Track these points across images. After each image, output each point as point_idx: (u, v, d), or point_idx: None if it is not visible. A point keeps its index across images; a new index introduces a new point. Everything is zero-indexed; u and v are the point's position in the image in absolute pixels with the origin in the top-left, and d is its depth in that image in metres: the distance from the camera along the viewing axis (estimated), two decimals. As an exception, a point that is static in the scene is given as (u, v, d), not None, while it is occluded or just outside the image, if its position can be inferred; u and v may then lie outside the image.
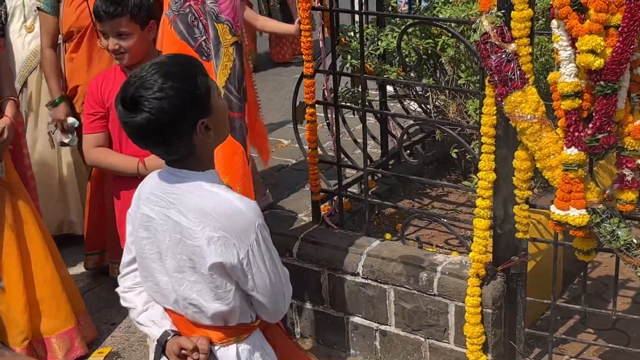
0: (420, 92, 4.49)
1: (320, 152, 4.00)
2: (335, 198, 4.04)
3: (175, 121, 2.07)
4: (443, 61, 4.02)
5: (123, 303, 2.41)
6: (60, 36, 4.34)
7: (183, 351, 2.17)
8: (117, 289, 2.44)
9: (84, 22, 4.13)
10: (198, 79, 2.14)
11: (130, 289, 2.39)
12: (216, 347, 2.23)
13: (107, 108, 3.39)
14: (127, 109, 2.08)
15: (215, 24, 3.03)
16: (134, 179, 3.20)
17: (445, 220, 3.95)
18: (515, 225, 3.30)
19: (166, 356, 2.23)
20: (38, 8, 4.37)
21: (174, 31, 3.08)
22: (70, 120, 4.17)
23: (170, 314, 2.29)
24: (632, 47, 2.75)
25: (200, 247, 2.10)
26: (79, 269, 4.73)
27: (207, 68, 2.84)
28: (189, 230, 2.12)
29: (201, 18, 3.06)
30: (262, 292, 2.17)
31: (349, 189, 4.11)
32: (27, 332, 3.74)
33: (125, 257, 2.40)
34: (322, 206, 4.02)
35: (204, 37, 3.07)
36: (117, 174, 3.49)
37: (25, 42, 4.76)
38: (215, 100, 2.20)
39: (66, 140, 4.20)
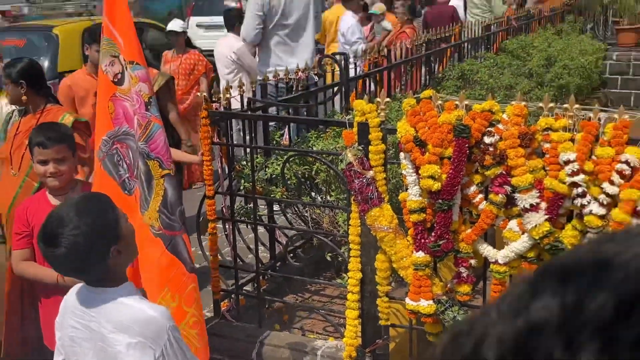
0: (300, 207, 4.57)
1: (220, 257, 4.00)
2: (232, 296, 4.01)
3: (90, 251, 2.06)
4: (318, 183, 4.11)
5: None
6: None
7: None
8: None
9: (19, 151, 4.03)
10: (108, 212, 2.16)
11: None
12: None
13: (32, 228, 3.29)
14: (47, 245, 2.07)
15: (147, 160, 3.02)
16: (50, 289, 3.14)
17: (322, 311, 3.97)
18: (379, 314, 3.34)
19: None
20: None
21: (102, 169, 3.07)
22: None
23: None
24: (461, 173, 2.89)
25: (121, 352, 2.07)
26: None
27: (129, 201, 2.84)
28: (109, 339, 2.08)
29: (125, 159, 3.06)
30: None
31: (244, 288, 4.10)
32: None
33: (57, 358, 2.31)
34: (222, 303, 3.97)
35: (127, 175, 3.05)
36: (39, 284, 3.37)
37: None
38: (124, 227, 2.20)
39: None
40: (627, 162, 2.63)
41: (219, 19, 9.06)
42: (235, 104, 4.12)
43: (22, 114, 4.25)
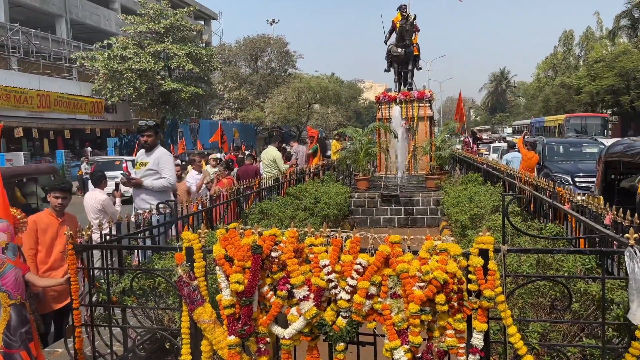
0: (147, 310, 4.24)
1: (83, 355, 3.55)
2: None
3: None
4: (160, 291, 3.87)
5: None
6: None
7: None
8: None
9: None
10: None
11: None
12: None
13: None
14: None
15: None
16: None
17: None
18: (204, 385, 3.13)
19: None
20: None
21: None
22: None
23: None
24: (257, 278, 2.90)
25: None
26: None
27: None
28: None
29: None
30: None
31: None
32: None
33: None
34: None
35: None
36: None
37: None
38: None
39: None
40: (360, 264, 2.81)
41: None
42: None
43: None
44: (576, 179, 12.55)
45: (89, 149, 27.14)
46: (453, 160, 14.23)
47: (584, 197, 4.50)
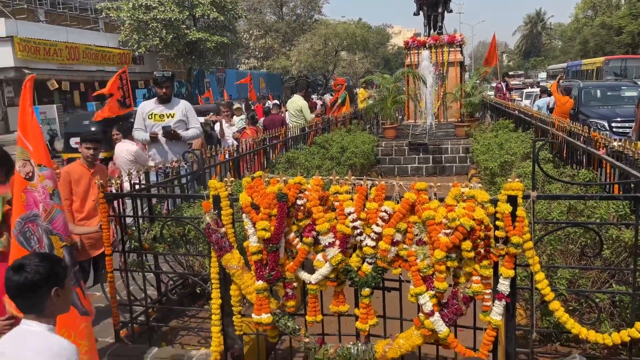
0: (178, 257, 4.37)
1: (118, 297, 3.70)
2: (129, 325, 3.71)
3: (40, 283, 1.98)
4: (190, 238, 3.97)
5: None
6: None
7: None
8: None
9: None
10: (60, 265, 2.10)
11: None
12: None
13: None
14: (14, 272, 1.99)
15: (50, 235, 2.82)
16: None
17: (196, 329, 3.78)
18: (235, 327, 3.24)
19: None
20: None
21: (17, 242, 2.80)
22: None
23: None
24: (283, 225, 2.93)
25: None
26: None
27: None
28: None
29: (35, 234, 2.82)
30: None
31: (138, 318, 3.81)
32: None
33: None
34: (121, 331, 3.66)
35: (37, 245, 2.81)
36: None
37: None
38: (66, 280, 2.10)
39: None
40: (385, 211, 2.79)
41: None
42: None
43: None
44: (613, 124, 12.09)
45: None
46: (484, 106, 13.86)
47: (620, 143, 4.34)
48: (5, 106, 24.23)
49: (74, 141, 10.73)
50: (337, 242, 2.86)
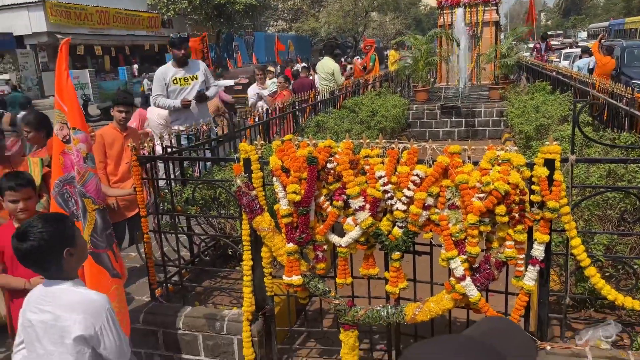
0: (210, 219, 4.44)
1: (153, 258, 3.79)
2: (164, 285, 3.82)
3: (50, 248, 1.97)
4: (221, 201, 4.02)
5: None
6: None
7: None
8: None
9: None
10: (67, 225, 2.07)
11: None
12: None
13: (2, 250, 3.01)
14: (18, 240, 1.97)
15: (83, 199, 2.87)
16: (20, 291, 2.91)
17: (228, 290, 3.87)
18: (265, 288, 3.30)
19: None
20: None
21: (55, 203, 2.88)
22: None
23: None
24: (313, 189, 2.92)
25: (68, 326, 1.91)
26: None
27: (78, 225, 2.69)
28: (60, 317, 1.92)
29: (73, 196, 2.89)
30: (110, 351, 1.98)
31: (172, 279, 3.91)
32: None
33: (17, 340, 2.12)
34: (156, 291, 3.78)
35: (75, 207, 2.88)
36: (11, 289, 3.08)
37: None
38: (77, 237, 2.08)
39: None
40: (417, 175, 2.75)
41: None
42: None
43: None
44: (657, 86, 11.54)
45: (136, 66, 27.49)
46: (519, 68, 13.39)
47: (666, 104, 4.13)
48: (39, 71, 24.69)
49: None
50: (368, 206, 2.84)
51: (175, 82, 5.73)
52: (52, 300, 1.97)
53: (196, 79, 5.75)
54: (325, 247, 3.06)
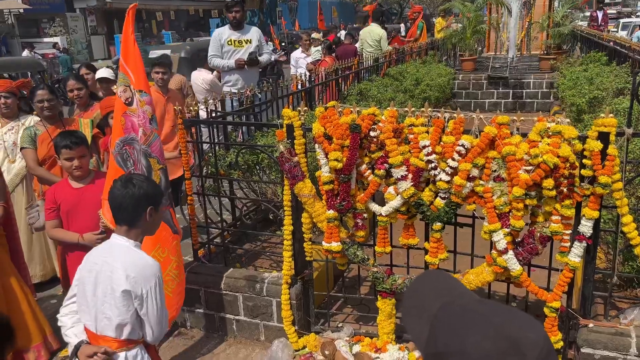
0: (252, 184, 4.51)
1: (196, 220, 3.90)
2: (206, 246, 3.93)
3: (141, 199, 2.09)
4: (263, 167, 4.06)
5: (59, 323, 2.22)
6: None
7: (94, 357, 2.04)
8: (58, 315, 2.25)
9: (52, 153, 3.82)
10: (160, 189, 2.29)
11: (66, 315, 2.21)
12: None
13: (58, 205, 3.15)
14: (122, 185, 2.11)
15: (149, 158, 2.97)
16: (74, 246, 3.09)
17: (268, 253, 3.94)
18: (305, 253, 3.35)
19: (77, 357, 2.08)
20: (21, 148, 4.01)
21: (115, 162, 2.98)
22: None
23: (87, 331, 2.12)
24: (355, 156, 2.91)
25: (120, 279, 2.00)
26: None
27: None
28: (117, 271, 2.02)
29: (132, 156, 2.98)
30: (151, 317, 2.07)
31: (214, 240, 4.02)
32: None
33: (69, 294, 2.22)
34: (198, 251, 3.89)
35: (133, 167, 2.97)
36: (66, 243, 3.23)
37: (9, 169, 4.29)
38: (160, 208, 2.24)
39: (37, 226, 3.74)
40: (463, 145, 2.69)
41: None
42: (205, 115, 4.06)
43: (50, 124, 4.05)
44: None
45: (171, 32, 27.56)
46: (573, 38, 12.75)
47: None
48: (89, 35, 25.24)
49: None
50: (410, 176, 2.81)
51: (229, 43, 5.94)
52: (114, 254, 2.07)
53: (249, 42, 5.87)
54: (365, 215, 3.07)
